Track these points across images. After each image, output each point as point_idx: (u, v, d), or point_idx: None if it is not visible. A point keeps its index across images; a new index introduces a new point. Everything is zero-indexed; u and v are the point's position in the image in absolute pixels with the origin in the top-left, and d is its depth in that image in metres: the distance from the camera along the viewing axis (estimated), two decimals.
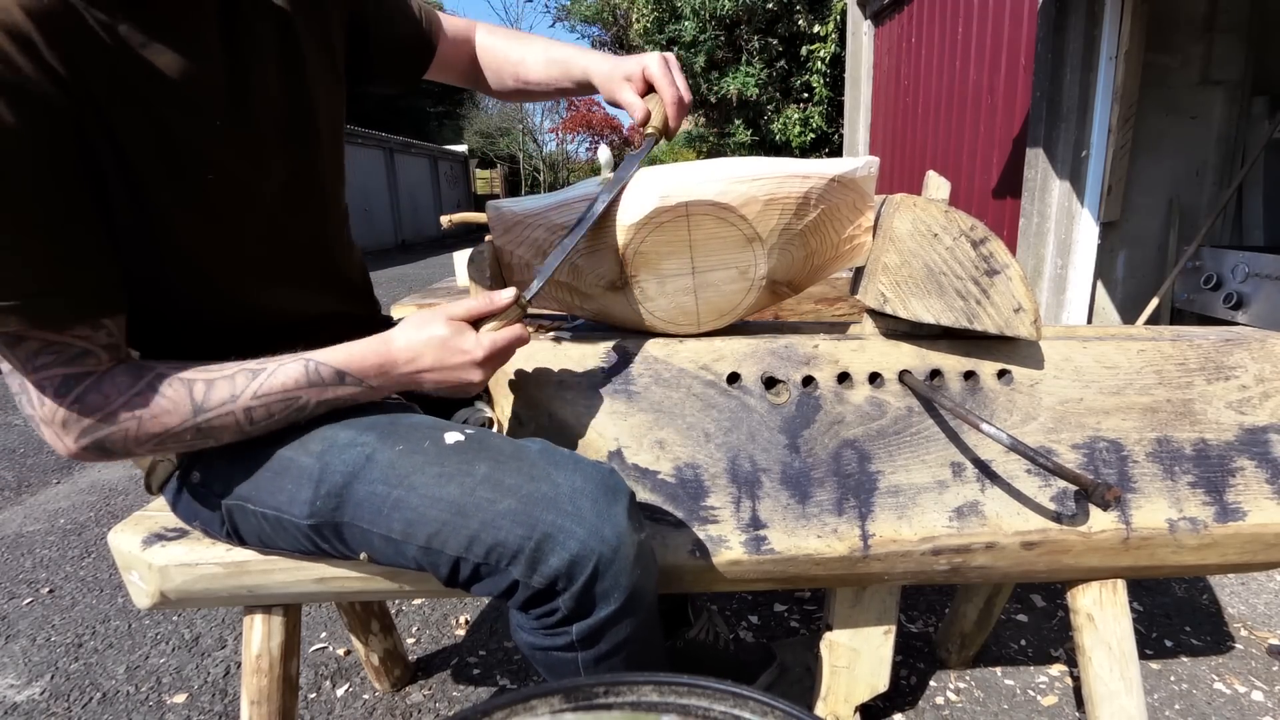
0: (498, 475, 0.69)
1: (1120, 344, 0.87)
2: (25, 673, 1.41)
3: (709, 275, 0.83)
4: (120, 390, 0.64)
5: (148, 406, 0.65)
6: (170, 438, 0.67)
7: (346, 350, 0.71)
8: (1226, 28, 2.65)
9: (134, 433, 0.65)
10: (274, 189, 0.76)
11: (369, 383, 0.72)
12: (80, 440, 0.64)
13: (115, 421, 0.64)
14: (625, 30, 11.74)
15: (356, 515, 0.71)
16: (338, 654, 1.44)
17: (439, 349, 0.71)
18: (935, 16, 4.18)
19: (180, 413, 0.66)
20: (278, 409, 0.70)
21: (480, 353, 0.71)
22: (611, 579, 0.67)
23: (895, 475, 0.83)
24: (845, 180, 0.83)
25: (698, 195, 0.79)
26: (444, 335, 0.71)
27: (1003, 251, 0.79)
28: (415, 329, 0.72)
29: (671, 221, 0.80)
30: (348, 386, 0.72)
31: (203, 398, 0.67)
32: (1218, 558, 0.85)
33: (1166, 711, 1.22)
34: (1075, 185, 2.82)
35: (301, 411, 0.71)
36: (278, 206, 0.77)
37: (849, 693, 0.96)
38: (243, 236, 0.75)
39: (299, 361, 0.70)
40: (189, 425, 0.67)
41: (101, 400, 0.64)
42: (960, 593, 1.27)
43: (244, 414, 0.68)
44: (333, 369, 0.71)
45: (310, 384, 0.70)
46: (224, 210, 0.72)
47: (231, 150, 0.71)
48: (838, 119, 8.22)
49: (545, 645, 0.70)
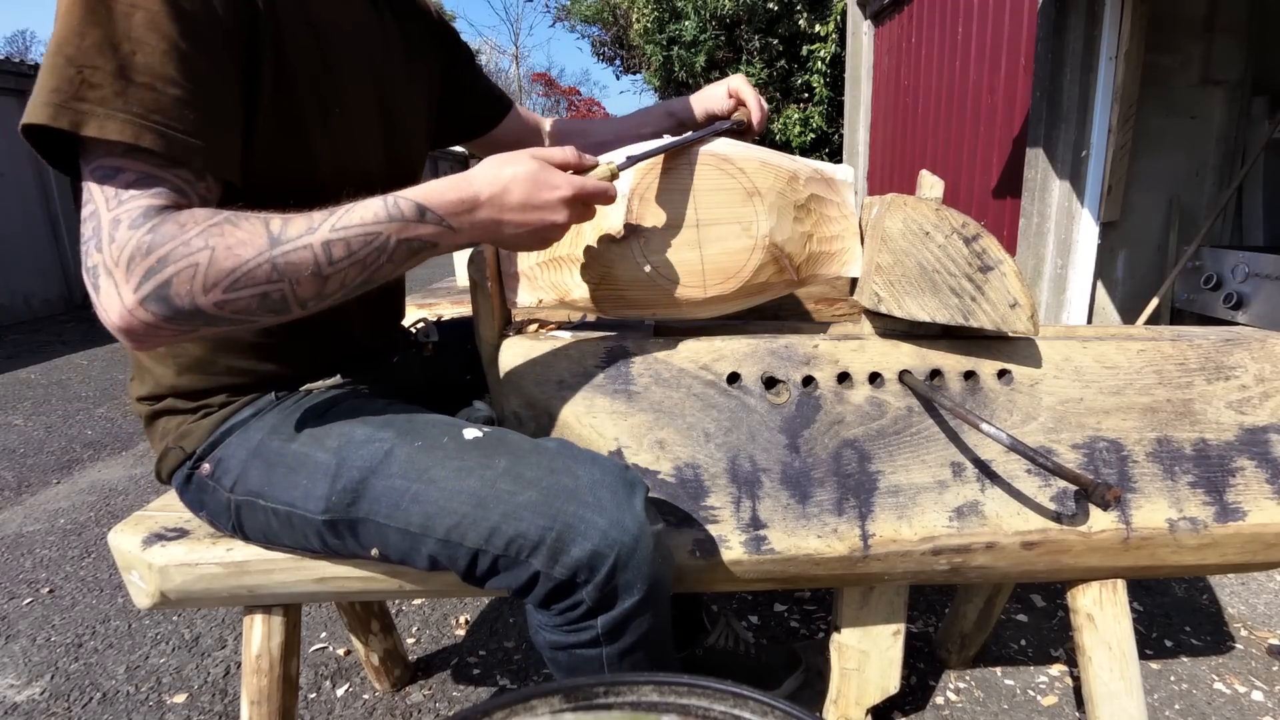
0: (518, 469, 0.69)
1: (1120, 344, 0.87)
2: (25, 673, 1.41)
3: (712, 229, 0.84)
4: (197, 220, 0.60)
5: (223, 236, 0.59)
6: (244, 276, 0.60)
7: (426, 186, 0.67)
8: (1226, 28, 2.65)
9: (204, 269, 0.58)
10: (376, 167, 0.82)
11: (449, 221, 0.66)
12: (143, 287, 0.57)
13: (188, 254, 0.58)
14: (625, 30, 11.74)
15: (373, 510, 0.71)
16: (338, 654, 1.44)
17: (527, 182, 0.67)
18: (935, 16, 4.18)
19: (256, 244, 0.60)
20: (357, 244, 0.63)
21: (569, 190, 0.67)
22: (634, 570, 0.67)
23: (895, 475, 0.83)
24: (825, 175, 0.89)
25: (699, 148, 0.84)
26: (531, 169, 0.67)
27: (996, 248, 0.79)
28: (500, 164, 0.68)
29: (675, 168, 0.82)
30: (427, 224, 0.66)
31: (280, 230, 0.61)
32: (1218, 558, 0.85)
33: (1166, 711, 1.22)
34: (1075, 185, 2.82)
35: (382, 252, 0.65)
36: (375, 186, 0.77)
37: (860, 695, 0.96)
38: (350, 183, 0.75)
39: (377, 199, 0.65)
40: (265, 259, 0.60)
41: (177, 229, 0.58)
42: (960, 593, 1.27)
43: (322, 248, 0.62)
44: (413, 203, 0.65)
45: (390, 219, 0.64)
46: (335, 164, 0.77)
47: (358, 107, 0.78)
48: (838, 119, 8.21)
49: (569, 643, 0.70)
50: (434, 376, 0.99)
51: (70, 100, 0.56)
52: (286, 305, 0.63)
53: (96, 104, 0.57)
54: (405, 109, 0.88)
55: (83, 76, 0.57)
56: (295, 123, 0.72)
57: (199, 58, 0.61)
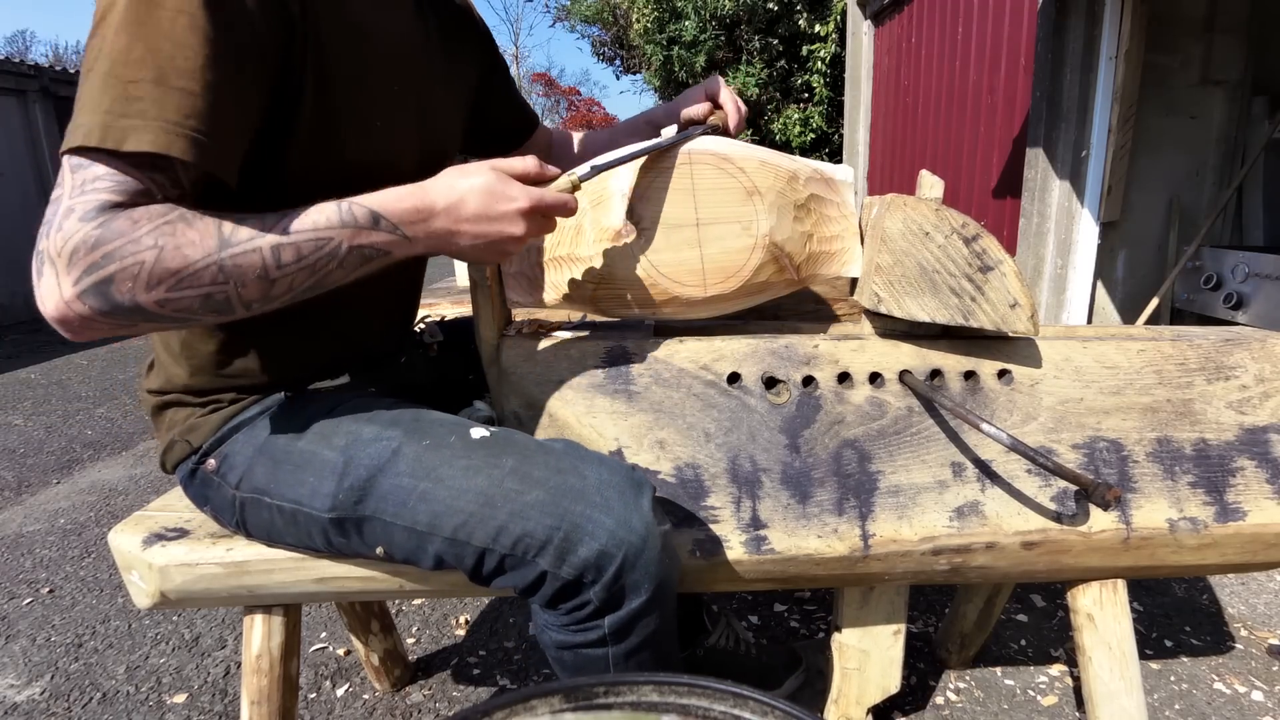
0: (525, 468, 0.69)
1: (1120, 344, 0.87)
2: (25, 673, 1.41)
3: (713, 228, 0.84)
4: (151, 217, 0.58)
5: (173, 235, 0.58)
6: (190, 277, 0.58)
7: (384, 193, 0.66)
8: (1226, 28, 2.65)
9: (149, 268, 0.57)
10: (410, 167, 0.80)
11: (403, 230, 0.66)
12: (82, 281, 0.56)
13: (134, 251, 0.56)
14: (625, 30, 11.74)
15: (380, 508, 0.71)
16: (338, 654, 1.44)
17: (483, 194, 0.66)
18: (935, 16, 4.17)
19: (205, 245, 0.59)
20: (308, 249, 0.62)
21: (527, 202, 0.67)
22: (642, 570, 0.67)
23: (895, 475, 0.83)
24: (825, 175, 0.89)
25: (699, 147, 0.84)
26: (488, 180, 0.67)
27: (996, 248, 0.79)
28: (457, 175, 0.67)
29: (675, 167, 0.83)
30: (382, 231, 0.65)
31: (230, 232, 0.60)
32: (1218, 558, 0.85)
33: (1166, 711, 1.22)
34: (1075, 185, 2.82)
35: (333, 258, 0.64)
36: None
37: (860, 695, 0.96)
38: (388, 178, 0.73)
39: (332, 203, 0.64)
40: (212, 260, 0.59)
41: (128, 225, 0.57)
42: (960, 593, 1.27)
43: (271, 251, 0.61)
44: (368, 210, 0.64)
45: (343, 224, 0.63)
46: (381, 156, 0.76)
47: (398, 107, 0.77)
48: (838, 119, 8.21)
49: (575, 642, 0.70)
50: (438, 376, 0.99)
51: (119, 118, 0.56)
52: (230, 306, 0.62)
53: (137, 118, 0.56)
54: (441, 109, 0.88)
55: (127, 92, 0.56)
56: (332, 127, 0.71)
57: (228, 59, 0.60)
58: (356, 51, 0.72)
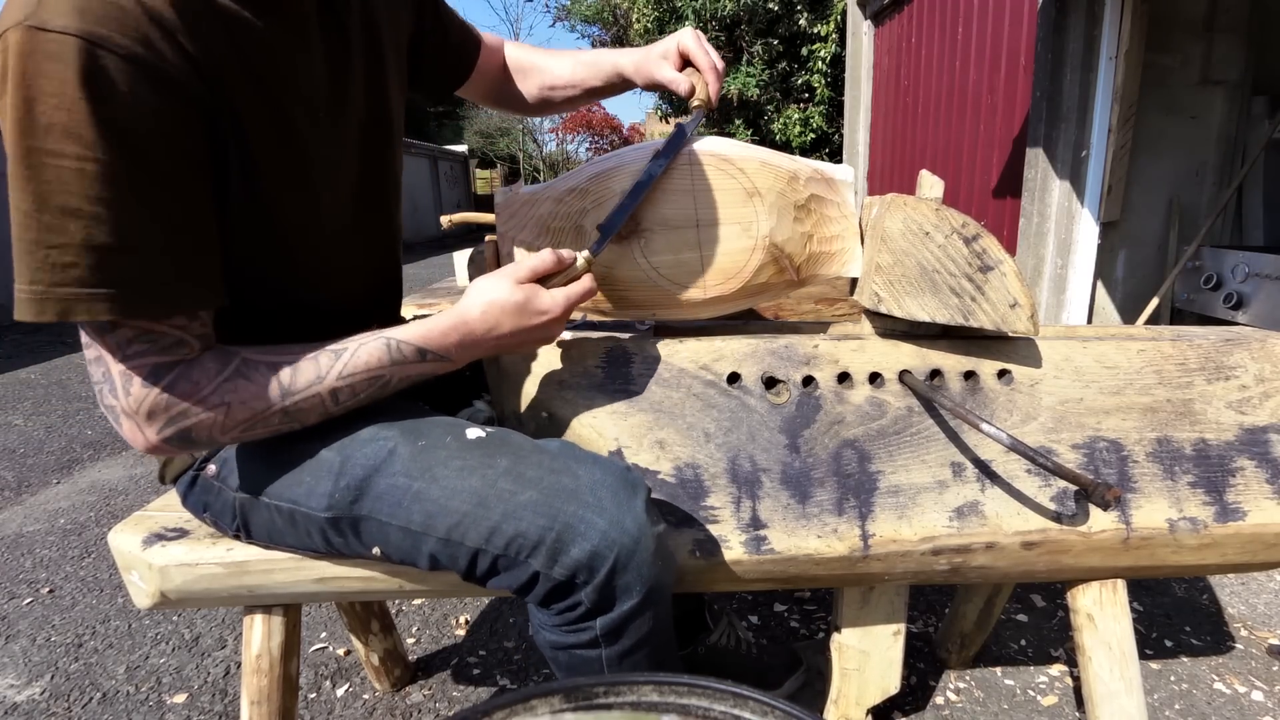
0: (519, 468, 0.69)
1: (1120, 344, 0.87)
2: (25, 673, 1.41)
3: (713, 230, 0.84)
4: (209, 376, 0.64)
5: (236, 392, 0.65)
6: (258, 422, 0.67)
7: (425, 327, 0.71)
8: (1226, 28, 2.65)
9: (221, 420, 0.65)
10: (354, 182, 0.79)
11: (449, 357, 0.73)
12: (164, 431, 0.64)
13: (205, 409, 0.64)
14: (625, 30, 11.75)
15: (376, 508, 0.71)
16: (338, 654, 1.44)
17: (516, 314, 0.72)
18: (935, 17, 4.17)
19: (269, 397, 0.66)
20: (362, 386, 0.70)
21: (559, 310, 0.74)
22: (634, 572, 0.67)
23: (895, 475, 0.83)
24: (825, 175, 0.89)
25: (700, 148, 0.85)
26: (519, 301, 0.72)
27: (996, 248, 0.79)
28: (488, 300, 0.72)
29: (675, 169, 0.83)
30: (428, 363, 0.72)
31: (289, 381, 0.67)
32: (1218, 558, 0.85)
33: (1166, 711, 1.22)
34: (1075, 185, 2.82)
35: (385, 389, 0.72)
36: (357, 199, 0.80)
37: (860, 695, 0.96)
38: (329, 227, 0.76)
39: (379, 340, 0.70)
40: (277, 409, 0.67)
41: (191, 388, 0.63)
42: (960, 593, 1.27)
43: (330, 395, 0.69)
44: (415, 347, 0.71)
45: (393, 362, 0.70)
46: (321, 201, 0.75)
47: (330, 141, 0.74)
48: (838, 119, 8.21)
49: (568, 643, 0.70)
50: (438, 376, 0.99)
51: (50, 289, 0.56)
52: (294, 429, 0.71)
53: (75, 285, 0.56)
54: (378, 109, 0.82)
55: (51, 259, 0.55)
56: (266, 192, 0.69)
57: (157, 190, 0.59)
58: (279, 106, 0.68)
